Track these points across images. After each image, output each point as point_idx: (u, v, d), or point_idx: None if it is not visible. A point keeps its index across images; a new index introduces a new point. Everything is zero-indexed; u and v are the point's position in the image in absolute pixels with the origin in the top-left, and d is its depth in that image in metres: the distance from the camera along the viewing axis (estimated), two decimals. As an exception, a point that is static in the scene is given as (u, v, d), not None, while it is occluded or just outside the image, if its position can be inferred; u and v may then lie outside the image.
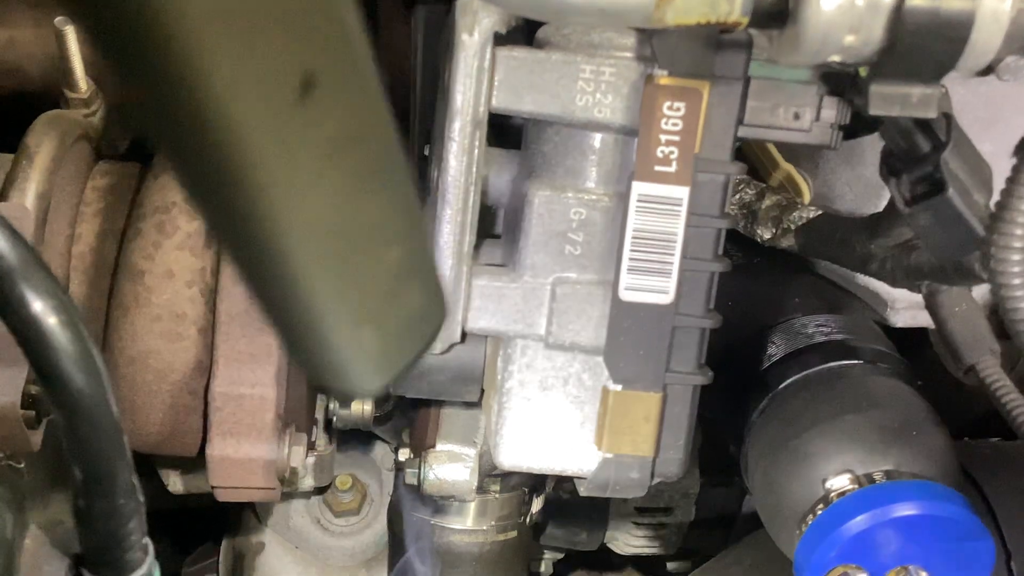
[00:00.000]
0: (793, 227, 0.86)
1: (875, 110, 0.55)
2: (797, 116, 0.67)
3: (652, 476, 0.73)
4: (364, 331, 0.36)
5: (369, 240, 0.35)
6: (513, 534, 0.97)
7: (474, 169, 0.68)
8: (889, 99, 0.55)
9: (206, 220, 0.32)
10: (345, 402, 0.91)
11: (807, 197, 0.92)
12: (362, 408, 0.92)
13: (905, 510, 0.73)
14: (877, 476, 0.76)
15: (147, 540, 0.56)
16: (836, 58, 0.54)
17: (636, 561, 1.22)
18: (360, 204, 0.34)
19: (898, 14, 0.51)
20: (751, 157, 0.95)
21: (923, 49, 0.52)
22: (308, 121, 0.30)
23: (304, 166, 0.31)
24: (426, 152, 0.85)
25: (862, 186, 0.90)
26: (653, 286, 0.69)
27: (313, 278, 0.33)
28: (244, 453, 0.80)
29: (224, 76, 0.27)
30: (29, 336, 0.46)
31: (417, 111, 0.95)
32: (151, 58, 0.27)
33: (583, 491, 0.75)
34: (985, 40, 0.53)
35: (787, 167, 0.92)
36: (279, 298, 0.34)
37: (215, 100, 0.28)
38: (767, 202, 0.87)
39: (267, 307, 0.34)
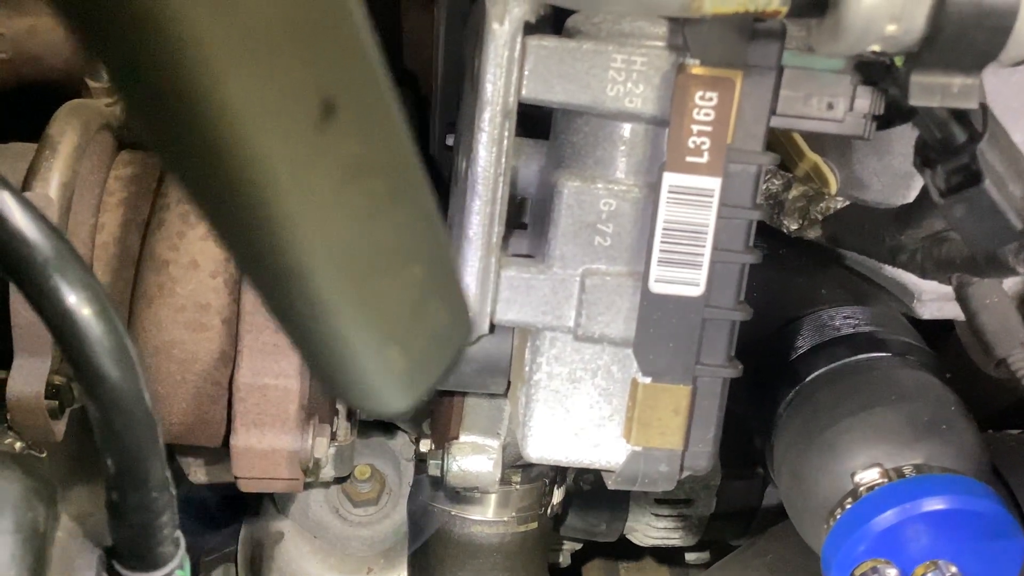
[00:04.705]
0: (820, 218, 0.85)
1: (915, 100, 0.55)
2: (831, 106, 0.67)
3: (681, 469, 0.73)
4: (390, 351, 0.36)
5: (390, 260, 0.35)
6: (534, 525, 0.96)
7: (503, 160, 0.68)
8: (929, 89, 0.54)
9: (226, 246, 0.32)
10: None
11: (834, 187, 0.91)
12: (385, 399, 0.92)
13: (935, 504, 0.72)
14: (907, 470, 0.75)
15: (179, 533, 0.55)
16: (876, 47, 0.53)
17: (656, 552, 1.21)
18: (380, 225, 0.33)
19: (941, 3, 0.50)
20: (777, 147, 0.94)
21: (966, 39, 0.52)
22: (328, 146, 0.30)
23: (324, 190, 0.31)
24: (448, 142, 0.84)
25: (890, 176, 0.89)
26: (684, 278, 0.68)
27: (336, 300, 0.33)
28: (268, 444, 0.80)
29: (243, 102, 0.27)
30: (64, 328, 0.46)
31: (439, 101, 0.95)
32: (167, 86, 0.26)
33: (611, 484, 0.74)
34: (1029, 30, 0.52)
35: (814, 157, 0.91)
36: (303, 321, 0.33)
37: (234, 127, 0.27)
38: (794, 192, 0.87)
39: (291, 330, 0.34)
